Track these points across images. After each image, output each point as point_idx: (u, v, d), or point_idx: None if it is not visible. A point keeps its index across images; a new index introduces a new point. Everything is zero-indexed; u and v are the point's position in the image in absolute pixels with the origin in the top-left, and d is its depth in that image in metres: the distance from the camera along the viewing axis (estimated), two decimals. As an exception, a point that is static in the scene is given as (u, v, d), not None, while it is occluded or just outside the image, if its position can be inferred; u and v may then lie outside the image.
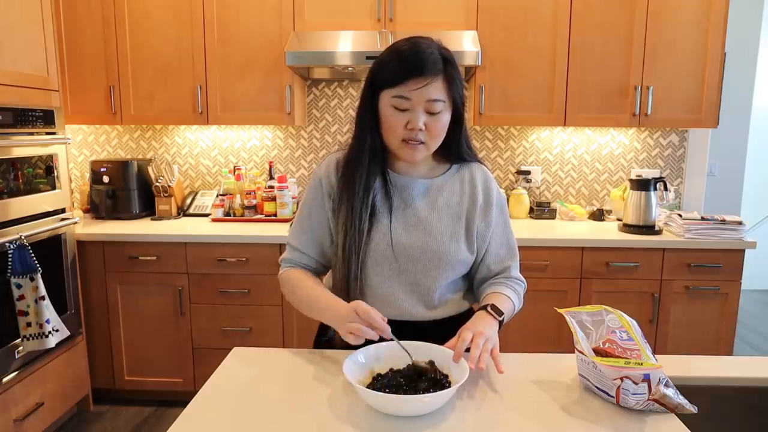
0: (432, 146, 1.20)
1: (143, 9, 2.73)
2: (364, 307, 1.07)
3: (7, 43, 2.11)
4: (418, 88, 1.12)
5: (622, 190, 2.90)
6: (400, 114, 1.15)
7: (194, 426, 0.96)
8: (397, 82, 1.13)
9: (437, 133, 1.18)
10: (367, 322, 1.05)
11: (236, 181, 2.94)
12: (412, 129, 1.14)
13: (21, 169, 2.20)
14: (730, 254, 2.47)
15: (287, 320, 2.59)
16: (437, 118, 1.16)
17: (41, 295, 2.14)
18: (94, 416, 2.64)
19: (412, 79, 1.12)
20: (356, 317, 1.06)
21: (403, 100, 1.13)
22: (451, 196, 1.27)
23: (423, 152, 1.19)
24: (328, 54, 2.55)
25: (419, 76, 1.12)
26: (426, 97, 1.13)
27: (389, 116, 1.16)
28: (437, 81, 1.13)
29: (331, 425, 0.95)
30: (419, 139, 1.16)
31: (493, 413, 1.00)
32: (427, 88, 1.12)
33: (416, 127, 1.14)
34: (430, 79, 1.12)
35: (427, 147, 1.19)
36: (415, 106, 1.14)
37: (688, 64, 2.66)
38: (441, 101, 1.14)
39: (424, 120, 1.14)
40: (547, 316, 2.46)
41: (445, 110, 1.17)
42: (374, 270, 1.22)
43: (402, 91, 1.13)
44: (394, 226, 1.22)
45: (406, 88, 1.12)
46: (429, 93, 1.13)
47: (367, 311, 1.06)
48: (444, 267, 1.23)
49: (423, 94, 1.13)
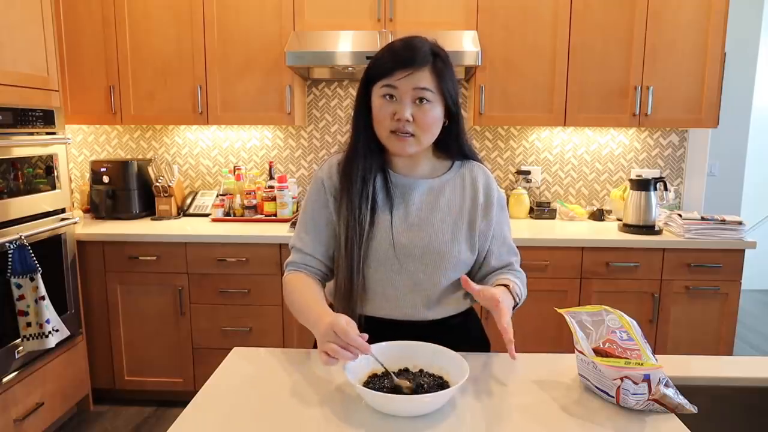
0: (423, 140, 1.19)
1: (143, 9, 2.73)
2: (342, 326, 1.00)
3: (7, 43, 2.11)
4: (405, 76, 1.14)
5: (622, 190, 2.90)
6: (388, 104, 1.16)
7: (194, 426, 0.96)
8: (386, 74, 1.15)
9: (426, 126, 1.17)
10: (345, 342, 0.99)
11: (236, 181, 2.94)
12: (399, 119, 1.15)
13: (21, 169, 2.20)
14: (730, 254, 2.47)
15: (287, 320, 2.59)
16: (425, 109, 1.16)
17: (41, 295, 2.14)
18: (94, 416, 2.64)
19: (399, 69, 1.14)
20: (333, 336, 1.00)
21: (391, 88, 1.15)
22: (452, 196, 1.27)
23: (413, 146, 1.19)
24: (328, 54, 2.55)
25: (407, 66, 1.14)
26: (412, 85, 1.14)
27: (378, 107, 1.17)
28: (424, 71, 1.15)
29: (331, 425, 0.95)
30: (407, 130, 1.16)
31: (493, 413, 1.00)
32: (414, 76, 1.14)
33: (402, 117, 1.14)
34: (417, 68, 1.14)
35: (417, 141, 1.18)
36: (402, 96, 1.15)
37: (688, 64, 2.66)
38: (428, 90, 1.15)
39: (411, 111, 1.15)
40: (547, 316, 2.46)
41: (435, 103, 1.17)
42: (376, 269, 1.22)
43: (390, 80, 1.15)
44: (395, 225, 1.22)
45: (394, 77, 1.14)
46: (415, 81, 1.14)
47: (345, 331, 0.99)
48: (445, 267, 1.23)
49: (409, 82, 1.14)
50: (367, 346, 1.00)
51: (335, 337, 1.00)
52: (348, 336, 0.99)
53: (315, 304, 1.16)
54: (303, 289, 1.23)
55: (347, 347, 0.99)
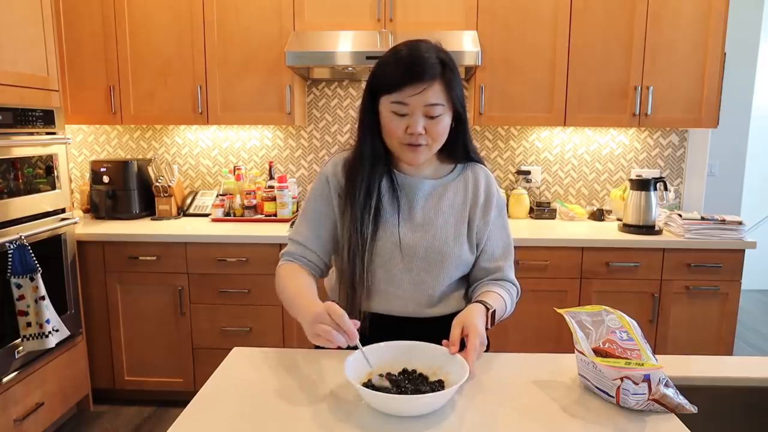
0: (434, 148, 1.21)
1: (143, 9, 2.73)
2: (338, 309, 1.02)
3: (7, 43, 2.11)
4: (416, 94, 1.13)
5: (622, 190, 2.90)
6: (399, 119, 1.16)
7: (194, 426, 0.96)
8: (395, 89, 1.14)
9: (438, 136, 1.18)
10: (337, 324, 1.01)
11: (236, 181, 2.94)
12: (411, 134, 1.15)
13: (21, 169, 2.20)
14: (730, 254, 2.47)
15: (287, 320, 2.59)
16: (437, 121, 1.16)
17: (41, 295, 2.14)
18: (94, 416, 2.64)
19: (409, 86, 1.12)
20: (327, 318, 1.02)
21: (402, 105, 1.14)
22: (455, 196, 1.28)
23: (425, 154, 1.20)
24: (328, 54, 2.55)
25: (416, 82, 1.12)
26: (424, 102, 1.14)
27: (389, 121, 1.17)
28: (435, 86, 1.14)
29: (331, 425, 0.95)
30: (419, 142, 1.17)
31: (493, 413, 1.00)
32: (425, 93, 1.13)
33: (415, 131, 1.15)
34: (428, 84, 1.13)
35: (429, 148, 1.20)
36: (413, 111, 1.14)
37: (688, 64, 2.66)
38: (439, 105, 1.15)
39: (423, 124, 1.15)
40: (547, 316, 2.46)
41: (445, 113, 1.18)
42: (381, 267, 1.24)
43: (400, 97, 1.14)
44: (401, 225, 1.24)
45: (404, 94, 1.13)
46: (427, 98, 1.13)
47: (340, 314, 1.01)
48: (447, 267, 1.25)
49: (421, 100, 1.13)
50: (355, 335, 1.01)
51: (330, 320, 1.01)
52: (342, 319, 1.01)
53: (307, 293, 1.18)
54: (296, 278, 1.24)
55: (338, 330, 1.00)
